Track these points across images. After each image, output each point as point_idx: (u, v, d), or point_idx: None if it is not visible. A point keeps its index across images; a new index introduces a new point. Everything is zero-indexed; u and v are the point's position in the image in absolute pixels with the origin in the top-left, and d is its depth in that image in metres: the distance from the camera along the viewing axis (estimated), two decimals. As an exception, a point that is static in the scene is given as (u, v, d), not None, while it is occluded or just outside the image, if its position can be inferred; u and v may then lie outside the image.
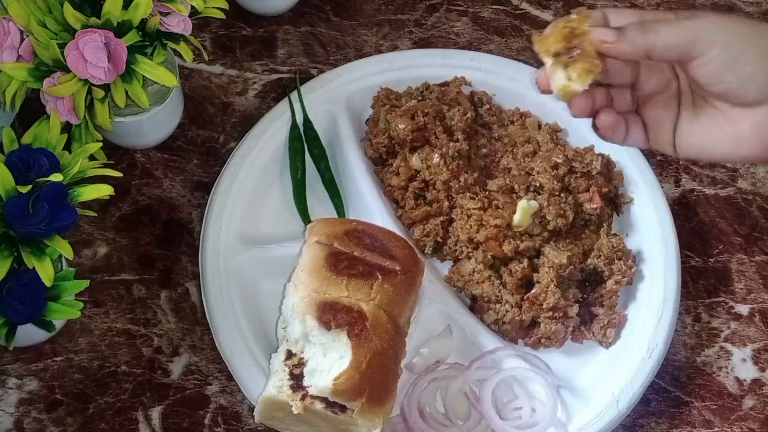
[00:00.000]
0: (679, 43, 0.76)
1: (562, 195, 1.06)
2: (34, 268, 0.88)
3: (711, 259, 1.12)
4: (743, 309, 1.09)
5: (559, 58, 0.78)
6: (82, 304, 0.94)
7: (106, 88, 0.98)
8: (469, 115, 1.11)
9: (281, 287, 1.01)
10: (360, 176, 1.10)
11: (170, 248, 1.10)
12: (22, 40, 0.98)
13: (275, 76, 1.21)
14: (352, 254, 0.97)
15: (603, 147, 1.11)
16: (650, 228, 1.08)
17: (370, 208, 1.08)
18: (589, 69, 0.77)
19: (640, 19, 0.79)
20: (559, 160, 1.08)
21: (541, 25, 1.26)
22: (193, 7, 1.01)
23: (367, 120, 1.15)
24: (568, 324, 1.02)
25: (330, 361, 0.91)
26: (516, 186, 1.07)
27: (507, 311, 1.02)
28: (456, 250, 1.07)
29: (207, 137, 1.17)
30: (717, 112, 0.80)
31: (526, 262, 1.04)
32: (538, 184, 1.07)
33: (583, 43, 0.77)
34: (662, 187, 1.11)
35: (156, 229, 1.11)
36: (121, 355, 1.04)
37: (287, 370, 0.93)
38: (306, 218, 1.10)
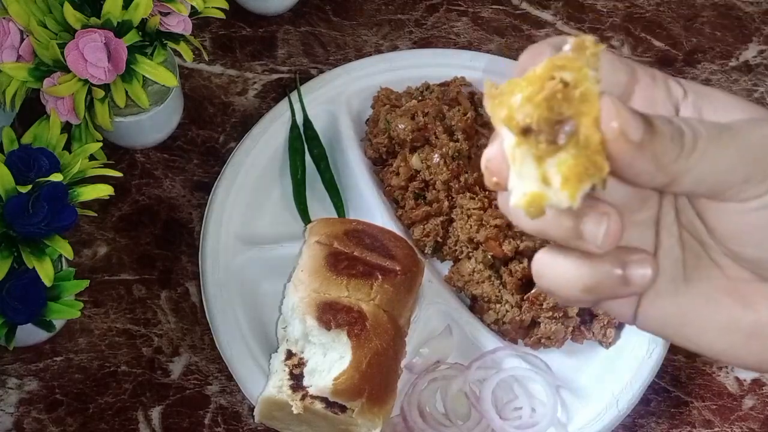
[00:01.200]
0: (725, 174, 0.43)
1: (562, 195, 1.06)
2: (34, 268, 0.88)
3: (711, 259, 1.12)
4: (743, 309, 1.09)
5: (531, 138, 0.40)
6: (82, 304, 0.94)
7: (106, 88, 0.98)
8: (469, 115, 1.11)
9: (281, 287, 1.01)
10: (360, 176, 1.10)
11: (170, 248, 1.10)
12: (22, 40, 0.98)
13: (275, 76, 1.21)
14: (352, 254, 0.97)
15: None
16: (650, 228, 1.08)
17: (370, 208, 1.08)
18: (588, 171, 0.40)
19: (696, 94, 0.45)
20: (559, 160, 1.07)
21: (541, 25, 1.26)
22: (193, 7, 1.01)
23: (367, 120, 1.15)
24: (568, 324, 1.02)
25: (330, 361, 0.91)
26: (516, 186, 1.07)
27: (507, 311, 1.02)
28: (456, 250, 1.06)
29: (207, 137, 1.17)
30: (724, 280, 0.47)
31: (526, 262, 1.04)
32: (538, 184, 1.06)
33: (580, 116, 0.40)
34: (662, 187, 1.11)
35: (156, 229, 1.11)
36: (121, 355, 1.04)
37: (287, 370, 0.93)
38: (306, 218, 1.10)
